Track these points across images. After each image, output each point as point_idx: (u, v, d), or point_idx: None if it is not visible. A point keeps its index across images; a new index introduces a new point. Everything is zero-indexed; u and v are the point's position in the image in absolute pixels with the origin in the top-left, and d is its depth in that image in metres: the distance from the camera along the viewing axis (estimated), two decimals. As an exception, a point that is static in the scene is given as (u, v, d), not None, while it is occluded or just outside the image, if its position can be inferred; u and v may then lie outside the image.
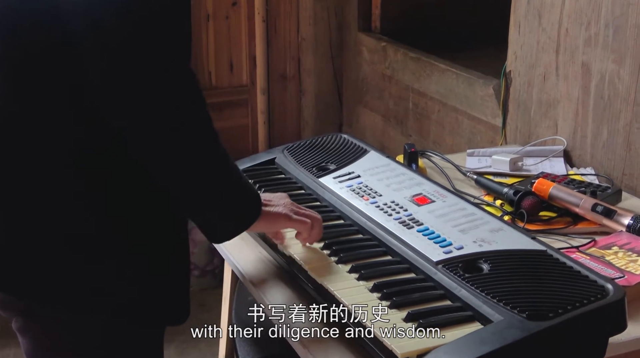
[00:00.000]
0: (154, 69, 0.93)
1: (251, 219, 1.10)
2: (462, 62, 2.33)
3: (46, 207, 0.99)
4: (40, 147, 0.97)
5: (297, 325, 1.09)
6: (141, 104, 0.94)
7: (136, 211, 1.02)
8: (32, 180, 0.99)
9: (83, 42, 0.91)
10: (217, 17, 2.80)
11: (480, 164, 1.72)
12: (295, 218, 1.15)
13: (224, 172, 1.04)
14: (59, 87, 0.95)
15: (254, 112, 2.99)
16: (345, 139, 1.55)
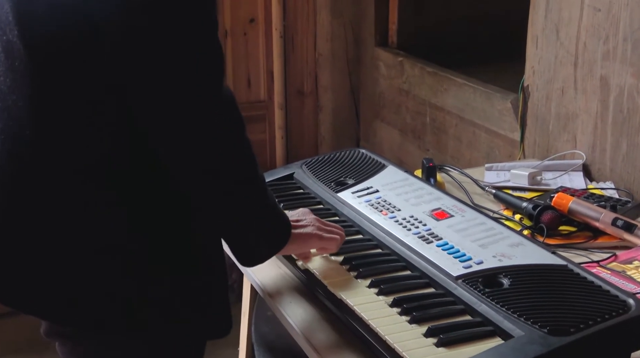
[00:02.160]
0: (191, 91, 0.93)
1: (283, 242, 1.10)
2: (480, 77, 2.33)
3: (79, 226, 0.98)
4: (69, 162, 0.97)
5: (315, 339, 1.09)
6: (180, 126, 0.94)
7: (175, 227, 1.02)
8: (72, 201, 0.98)
9: (120, 60, 0.91)
10: (235, 33, 2.83)
11: (499, 178, 1.71)
12: (326, 236, 1.16)
13: (261, 195, 1.04)
14: (88, 99, 0.95)
15: (271, 128, 3.00)
16: (364, 153, 1.56)
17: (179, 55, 0.92)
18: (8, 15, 0.94)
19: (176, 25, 0.91)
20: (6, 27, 0.95)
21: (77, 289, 1.00)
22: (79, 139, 0.96)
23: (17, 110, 0.96)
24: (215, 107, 0.95)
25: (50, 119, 0.96)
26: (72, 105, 0.95)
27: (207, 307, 1.07)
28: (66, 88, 0.94)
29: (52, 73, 0.94)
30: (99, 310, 1.01)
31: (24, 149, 0.97)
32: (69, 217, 0.98)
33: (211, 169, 0.98)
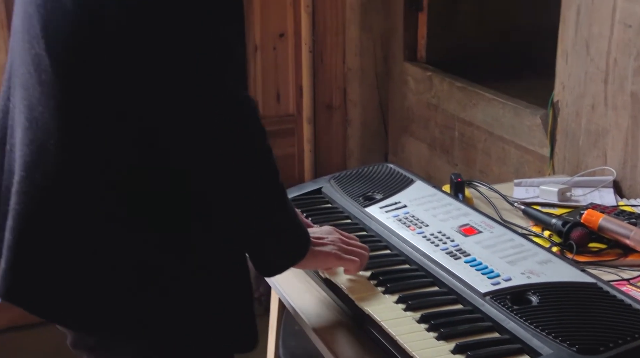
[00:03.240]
0: (213, 99, 0.94)
1: (301, 255, 1.10)
2: (509, 92, 2.33)
3: (106, 237, 0.99)
4: (92, 174, 0.98)
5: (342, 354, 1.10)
6: (201, 136, 0.95)
7: (199, 239, 1.03)
8: (95, 212, 0.99)
9: (133, 70, 0.93)
10: (265, 48, 2.85)
11: (528, 194, 1.71)
12: (346, 258, 1.15)
13: (282, 205, 1.05)
14: (111, 112, 0.96)
15: (300, 142, 3.01)
16: (392, 168, 1.56)
17: (189, 59, 0.93)
18: (36, 29, 0.97)
19: (184, 29, 0.92)
20: (34, 41, 0.97)
21: (100, 299, 1.01)
22: (103, 152, 0.97)
23: (44, 121, 0.98)
24: (229, 113, 0.96)
25: (74, 131, 0.97)
26: (95, 118, 0.96)
27: (232, 321, 1.08)
28: (90, 101, 0.96)
29: (76, 86, 0.96)
30: (122, 321, 1.02)
31: (49, 160, 0.98)
32: (91, 228, 0.99)
33: (227, 175, 0.99)
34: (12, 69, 1.05)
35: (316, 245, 1.13)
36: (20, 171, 1.01)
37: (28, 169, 1.00)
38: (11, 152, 1.04)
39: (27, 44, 0.99)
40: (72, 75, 0.96)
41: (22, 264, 1.01)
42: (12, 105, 1.05)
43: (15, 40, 1.03)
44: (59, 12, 0.94)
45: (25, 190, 1.00)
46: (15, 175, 1.02)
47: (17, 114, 1.03)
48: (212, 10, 0.94)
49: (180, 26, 0.92)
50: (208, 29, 0.94)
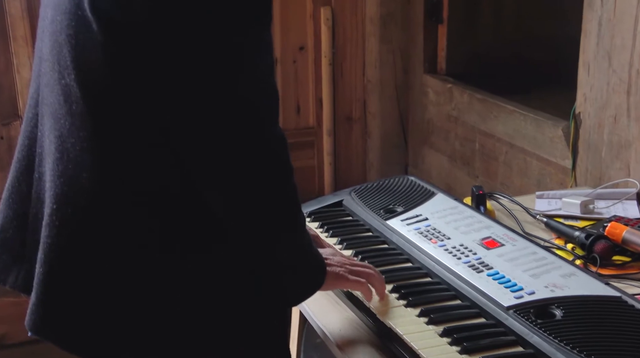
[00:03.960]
0: (244, 134, 0.94)
1: (318, 285, 1.09)
2: (530, 103, 2.32)
3: (138, 270, 0.99)
4: (125, 205, 0.98)
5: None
6: (228, 169, 0.95)
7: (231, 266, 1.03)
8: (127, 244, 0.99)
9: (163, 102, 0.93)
10: (285, 61, 2.86)
11: (550, 206, 1.69)
12: (352, 278, 1.13)
13: (300, 240, 1.05)
14: (142, 143, 0.96)
15: (320, 154, 3.02)
16: (413, 181, 1.56)
17: (223, 90, 0.92)
18: (67, 59, 0.96)
19: (215, 62, 0.92)
20: (65, 71, 0.96)
21: (131, 334, 1.00)
22: (135, 184, 0.97)
23: (75, 153, 0.97)
24: (260, 148, 0.96)
25: (105, 163, 0.96)
26: (126, 148, 0.96)
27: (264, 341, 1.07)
28: (120, 132, 0.96)
29: (107, 118, 0.95)
30: (154, 346, 1.01)
31: (81, 194, 0.97)
32: (124, 261, 0.98)
33: (249, 210, 0.99)
34: (42, 96, 1.04)
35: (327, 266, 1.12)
36: (51, 203, 0.99)
37: (59, 202, 0.98)
38: (40, 181, 1.04)
39: (56, 74, 0.98)
40: (103, 107, 0.95)
41: (52, 299, 1.00)
42: (40, 133, 1.04)
43: (44, 68, 1.02)
44: (89, 44, 0.93)
45: (57, 224, 0.98)
46: (46, 206, 1.00)
47: (47, 143, 1.02)
48: (245, 39, 0.93)
49: (212, 58, 0.91)
50: (243, 58, 0.93)
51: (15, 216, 1.07)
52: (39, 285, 0.99)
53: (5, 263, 1.08)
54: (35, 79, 1.07)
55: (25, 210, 1.06)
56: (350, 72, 2.96)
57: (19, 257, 1.06)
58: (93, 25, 0.91)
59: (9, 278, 1.07)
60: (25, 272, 1.05)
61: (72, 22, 0.94)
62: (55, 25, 0.97)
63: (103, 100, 0.95)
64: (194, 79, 0.91)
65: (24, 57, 2.53)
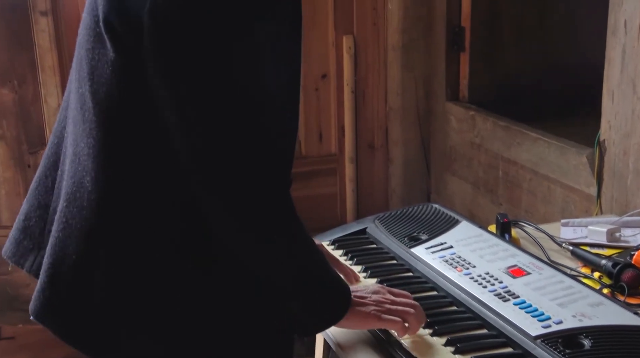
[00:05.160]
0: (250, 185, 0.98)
1: (338, 316, 1.10)
2: (553, 130, 2.31)
3: (132, 268, 1.03)
4: (123, 214, 1.02)
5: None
6: (235, 215, 0.99)
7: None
8: (131, 250, 1.03)
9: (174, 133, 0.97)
10: (308, 89, 2.88)
11: (576, 234, 1.68)
12: (385, 318, 1.12)
13: (310, 279, 1.07)
14: (146, 158, 1.01)
15: (342, 181, 3.02)
16: (436, 208, 1.56)
17: (234, 125, 0.97)
18: (85, 70, 1.04)
19: (230, 91, 0.96)
20: (82, 81, 1.04)
21: (121, 328, 1.03)
22: (133, 190, 1.02)
23: (83, 157, 1.04)
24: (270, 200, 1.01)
25: (106, 171, 1.02)
26: (128, 159, 1.02)
27: None
28: (123, 143, 1.02)
29: (112, 128, 1.01)
30: (147, 347, 1.04)
31: (83, 196, 1.03)
32: (122, 261, 1.02)
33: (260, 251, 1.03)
34: (69, 101, 1.12)
35: (357, 305, 1.12)
36: (62, 201, 1.07)
37: (67, 200, 1.05)
38: (62, 178, 1.11)
39: (77, 83, 1.06)
40: (110, 119, 1.01)
41: (53, 289, 1.05)
42: (66, 134, 1.12)
43: (72, 76, 1.11)
44: (102, 59, 1.00)
45: (63, 220, 1.05)
46: (59, 203, 1.08)
47: (68, 144, 1.10)
48: (251, 51, 0.97)
49: (226, 88, 0.96)
50: (249, 71, 0.97)
51: (39, 206, 1.15)
52: (44, 274, 1.05)
53: (25, 248, 1.15)
54: (68, 84, 1.15)
55: (47, 202, 1.13)
56: (372, 100, 2.97)
57: (37, 244, 1.13)
58: (106, 42, 0.98)
59: (26, 263, 1.14)
60: (40, 258, 1.11)
61: (91, 37, 1.02)
62: (80, 38, 1.07)
63: (110, 113, 1.01)
64: (198, 97, 0.95)
65: (52, 87, 2.57)
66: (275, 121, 1.04)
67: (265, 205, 1.01)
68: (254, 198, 1.00)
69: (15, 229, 1.18)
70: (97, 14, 1.00)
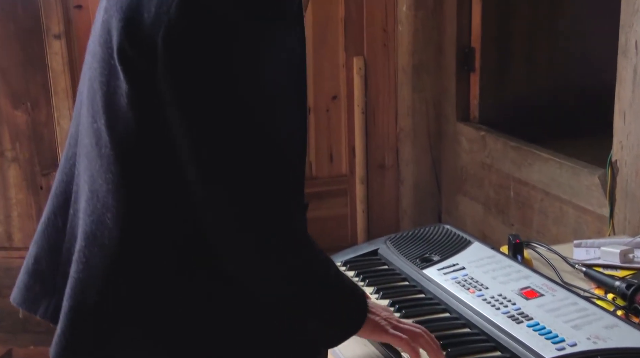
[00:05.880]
0: (262, 209, 0.98)
1: (359, 324, 1.10)
2: (565, 151, 2.31)
3: (158, 309, 1.02)
4: (145, 248, 1.01)
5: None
6: (245, 243, 0.99)
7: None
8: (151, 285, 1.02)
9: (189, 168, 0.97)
10: (318, 110, 2.90)
11: (589, 255, 1.67)
12: (391, 332, 1.12)
13: (324, 298, 1.07)
14: (165, 192, 1.00)
15: (352, 202, 3.02)
16: (448, 229, 1.55)
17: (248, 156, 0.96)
18: (99, 104, 1.01)
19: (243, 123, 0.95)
20: (97, 115, 1.01)
21: None
22: (156, 226, 1.01)
23: (103, 195, 1.01)
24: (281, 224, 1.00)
25: (128, 205, 1.00)
26: (149, 192, 1.00)
27: None
28: (143, 176, 1.00)
29: (131, 162, 1.00)
30: None
31: (105, 234, 1.01)
32: (145, 299, 1.01)
33: (275, 277, 1.02)
34: (80, 137, 1.09)
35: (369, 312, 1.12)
36: (81, 240, 1.03)
37: (87, 240, 1.03)
38: (74, 217, 1.08)
39: (90, 118, 1.03)
40: (128, 152, 0.99)
41: (74, 333, 1.03)
42: (77, 172, 1.09)
43: (83, 111, 1.08)
44: (118, 91, 0.98)
45: (84, 260, 1.02)
46: (77, 243, 1.05)
47: (82, 182, 1.06)
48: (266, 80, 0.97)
49: (240, 120, 0.96)
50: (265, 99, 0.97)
51: (50, 248, 1.11)
52: (64, 318, 1.03)
53: (38, 294, 1.12)
54: (76, 118, 1.12)
55: (59, 244, 1.10)
56: (382, 121, 2.98)
57: (51, 288, 1.10)
58: (120, 74, 0.97)
59: (39, 309, 1.11)
60: (55, 303, 1.08)
61: (104, 70, 1.00)
62: (92, 71, 1.03)
63: (128, 145, 0.99)
64: (212, 128, 0.95)
65: (64, 109, 2.59)
66: (287, 140, 1.04)
67: (281, 228, 1.00)
68: (272, 224, 0.99)
69: (25, 273, 1.14)
70: (110, 45, 0.98)
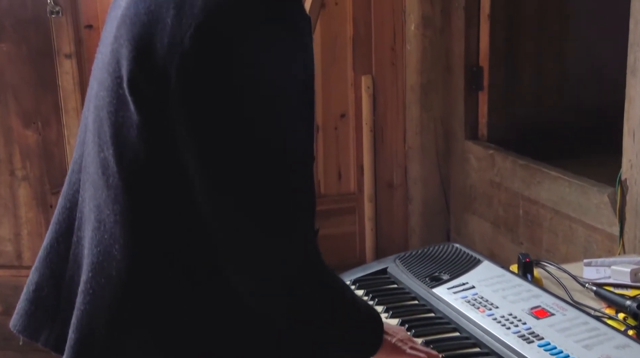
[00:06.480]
0: (275, 233, 0.96)
1: (376, 347, 1.09)
2: (573, 169, 2.30)
3: (167, 340, 1.00)
4: (153, 279, 1.00)
5: None
6: (258, 266, 0.97)
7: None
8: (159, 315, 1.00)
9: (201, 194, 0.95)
10: (327, 128, 2.91)
11: (599, 274, 1.66)
12: (409, 352, 1.12)
13: (339, 324, 1.05)
14: (176, 222, 0.98)
15: (361, 220, 3.02)
16: (458, 248, 1.55)
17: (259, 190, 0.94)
18: (107, 134, 0.99)
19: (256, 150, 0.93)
20: (104, 145, 1.00)
21: None
22: (164, 256, 0.99)
23: (110, 224, 1.00)
24: (295, 247, 0.98)
25: (135, 236, 0.98)
26: (157, 223, 0.98)
27: None
28: (152, 207, 0.98)
29: (139, 193, 0.98)
30: None
31: (112, 265, 1.00)
32: (153, 331, 1.00)
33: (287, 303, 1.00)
34: (85, 164, 1.07)
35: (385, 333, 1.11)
36: (87, 271, 1.02)
37: (94, 270, 1.01)
38: (78, 244, 1.06)
39: (97, 147, 1.01)
40: (137, 183, 0.97)
41: None
42: (81, 199, 1.07)
43: (88, 138, 1.06)
44: (127, 122, 0.96)
45: (91, 292, 1.01)
46: (83, 273, 1.03)
47: (87, 210, 1.05)
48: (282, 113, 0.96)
49: (257, 144, 0.94)
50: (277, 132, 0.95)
51: (52, 276, 1.09)
52: (70, 350, 1.01)
53: (39, 321, 1.10)
54: (80, 145, 1.10)
55: (61, 271, 1.08)
56: (391, 139, 2.99)
57: (53, 316, 1.08)
58: (130, 104, 0.95)
59: (41, 337, 1.09)
60: (58, 332, 1.07)
61: (113, 99, 0.98)
62: (98, 100, 1.01)
63: (137, 176, 0.97)
64: (226, 156, 0.93)
65: (74, 128, 2.61)
66: (301, 160, 1.02)
67: (296, 262, 0.99)
68: (286, 252, 0.98)
69: (25, 300, 1.11)
70: (119, 75, 0.96)
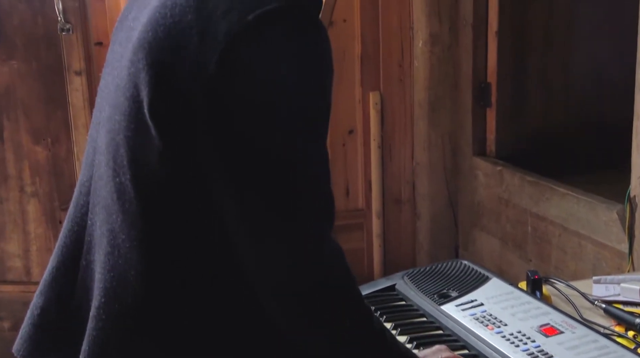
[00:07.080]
0: (296, 246, 0.94)
1: None
2: (582, 186, 2.30)
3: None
4: (171, 306, 0.98)
5: None
6: (283, 280, 0.94)
7: None
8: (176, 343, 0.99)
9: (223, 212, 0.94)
10: (335, 144, 2.91)
11: (608, 292, 1.65)
12: None
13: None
14: (195, 247, 0.97)
15: (369, 236, 3.02)
16: (466, 265, 1.54)
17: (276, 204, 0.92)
18: (123, 159, 0.97)
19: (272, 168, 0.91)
20: (120, 170, 0.97)
21: None
22: (182, 283, 0.97)
23: (125, 250, 0.98)
24: (322, 260, 0.98)
25: (153, 262, 0.97)
26: (175, 249, 0.97)
27: None
28: (170, 233, 0.96)
29: (158, 218, 0.96)
30: None
31: (128, 291, 0.98)
32: (172, 355, 0.99)
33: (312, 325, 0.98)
34: (94, 187, 1.05)
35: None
36: (100, 296, 1.00)
37: (107, 296, 0.99)
38: (87, 269, 1.04)
39: (111, 171, 0.99)
40: (155, 209, 0.96)
41: None
42: (90, 222, 1.05)
43: (99, 160, 1.03)
44: (147, 147, 0.94)
45: (103, 318, 0.99)
46: (94, 298, 1.01)
47: (97, 233, 1.03)
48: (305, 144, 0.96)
49: (269, 165, 0.92)
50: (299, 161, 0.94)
51: (58, 300, 1.07)
52: None
53: (46, 346, 1.07)
54: (88, 167, 1.08)
55: (69, 295, 1.06)
56: (399, 155, 2.99)
57: (59, 341, 1.06)
58: (152, 129, 0.92)
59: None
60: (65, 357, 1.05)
61: (131, 124, 0.95)
62: (113, 124, 0.99)
63: (156, 202, 0.96)
64: (250, 184, 0.92)
65: (84, 144, 2.61)
66: (328, 182, 1.00)
67: (332, 281, 0.99)
68: (324, 281, 0.98)
69: (30, 325, 1.08)
70: (139, 100, 0.93)
